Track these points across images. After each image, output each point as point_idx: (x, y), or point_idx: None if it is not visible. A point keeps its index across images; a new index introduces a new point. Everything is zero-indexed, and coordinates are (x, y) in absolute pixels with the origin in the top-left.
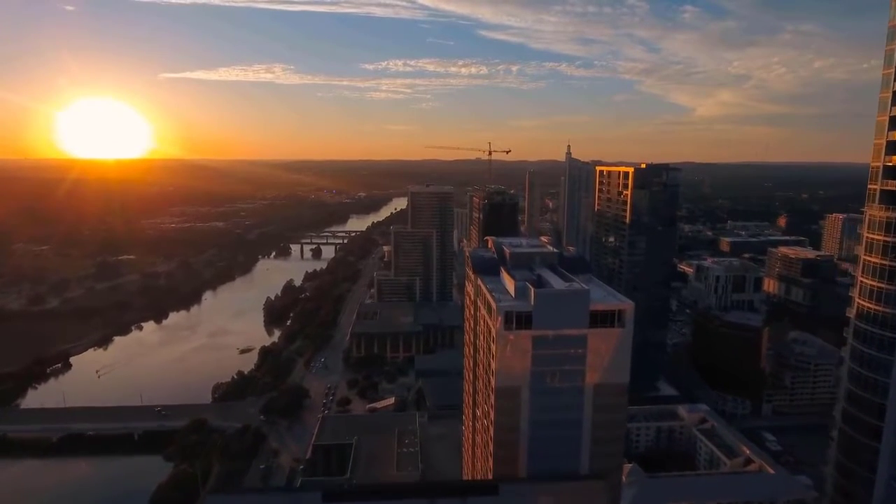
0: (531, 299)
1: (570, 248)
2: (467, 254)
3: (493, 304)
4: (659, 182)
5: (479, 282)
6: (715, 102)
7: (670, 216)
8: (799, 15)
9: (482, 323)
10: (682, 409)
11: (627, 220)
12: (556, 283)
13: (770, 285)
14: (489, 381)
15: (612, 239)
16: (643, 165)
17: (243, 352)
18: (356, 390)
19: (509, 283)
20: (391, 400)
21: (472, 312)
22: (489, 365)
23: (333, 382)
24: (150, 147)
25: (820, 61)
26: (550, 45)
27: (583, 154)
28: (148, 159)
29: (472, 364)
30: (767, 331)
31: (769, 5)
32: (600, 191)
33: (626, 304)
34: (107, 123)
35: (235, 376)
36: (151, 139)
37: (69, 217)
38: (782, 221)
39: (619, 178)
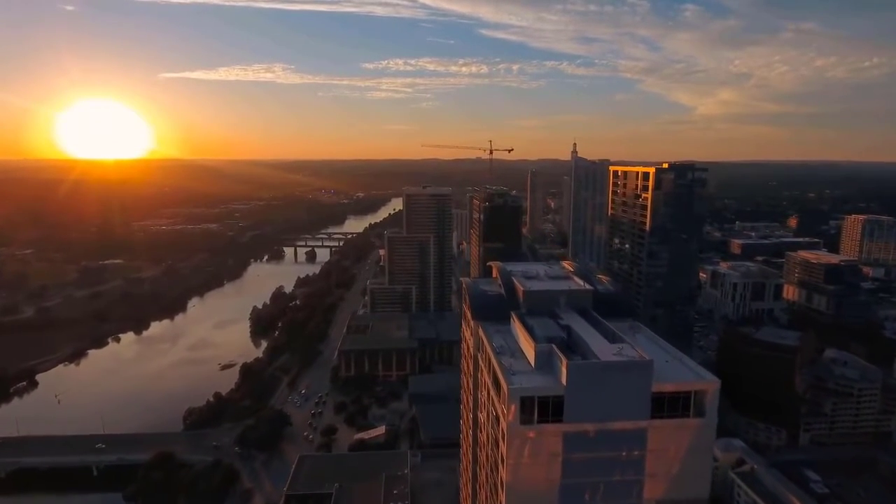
0: (562, 374)
1: (603, 277)
2: (465, 286)
3: (503, 382)
4: (683, 184)
5: (482, 333)
6: (716, 101)
7: (696, 222)
8: (800, 13)
9: (484, 393)
10: (714, 447)
11: (647, 227)
12: (595, 340)
13: (789, 292)
14: (497, 494)
15: (628, 247)
16: (665, 165)
17: (224, 368)
18: (343, 416)
19: (526, 343)
20: (381, 429)
21: (471, 369)
22: (496, 466)
23: (319, 405)
24: (149, 147)
25: (821, 60)
26: (551, 44)
27: (583, 153)
28: (147, 159)
29: (469, 438)
30: (802, 350)
31: (770, 4)
32: (615, 193)
33: (708, 382)
34: (106, 123)
35: (211, 399)
36: (151, 139)
37: (59, 219)
38: (793, 222)
39: (637, 179)
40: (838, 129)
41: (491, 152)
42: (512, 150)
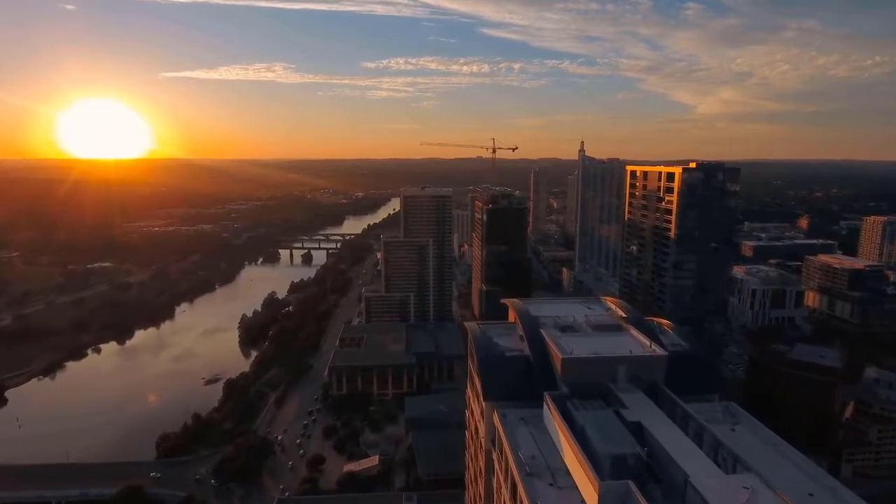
0: None
1: (664, 322)
2: (471, 337)
3: None
4: (713, 185)
5: (499, 425)
6: (717, 100)
7: (728, 229)
8: (802, 12)
9: None
10: None
11: (672, 234)
12: (693, 461)
13: (809, 298)
14: None
15: (649, 256)
16: (692, 165)
17: (209, 382)
18: (333, 441)
19: (576, 463)
20: (374, 460)
21: (481, 466)
22: None
23: (307, 428)
24: (150, 147)
25: (823, 58)
26: (553, 43)
27: (586, 152)
28: (148, 159)
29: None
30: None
31: (772, 2)
32: (632, 195)
33: None
34: (107, 123)
35: (189, 421)
36: (152, 139)
37: (53, 220)
38: (803, 223)
39: (659, 180)
40: (840, 128)
41: (494, 151)
42: (516, 148)
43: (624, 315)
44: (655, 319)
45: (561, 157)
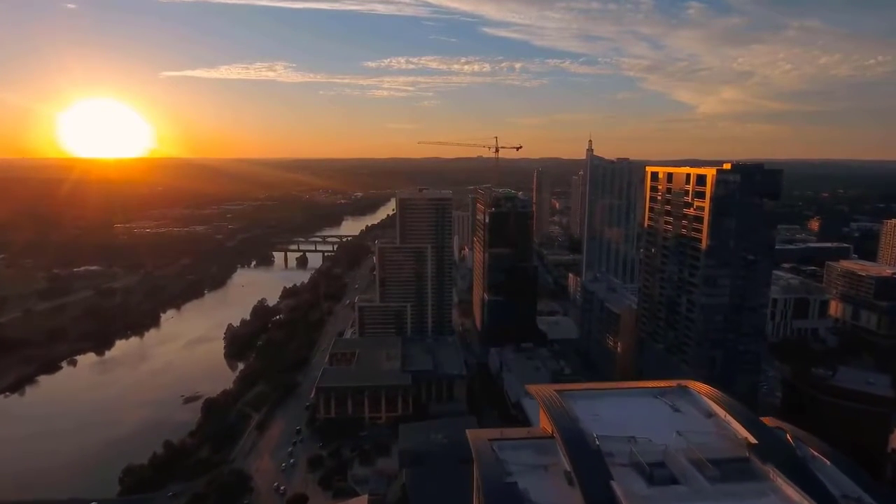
0: None
1: (796, 431)
2: (477, 473)
3: None
4: (752, 190)
5: None
6: (718, 100)
7: (769, 240)
8: (804, 11)
9: None
10: None
11: (703, 245)
12: None
13: (831, 307)
14: None
15: (673, 268)
16: (727, 166)
17: (188, 401)
18: (319, 474)
19: None
20: (363, 500)
21: None
22: None
23: (290, 456)
24: (151, 146)
25: (825, 57)
26: (554, 42)
27: (582, 153)
28: (148, 158)
29: None
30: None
31: (774, 1)
32: (653, 199)
33: None
34: (108, 122)
35: (160, 450)
36: (152, 138)
37: (46, 221)
38: (814, 224)
39: (687, 183)
40: (842, 128)
41: (497, 150)
42: (521, 147)
43: (749, 435)
44: (788, 432)
45: (562, 157)
